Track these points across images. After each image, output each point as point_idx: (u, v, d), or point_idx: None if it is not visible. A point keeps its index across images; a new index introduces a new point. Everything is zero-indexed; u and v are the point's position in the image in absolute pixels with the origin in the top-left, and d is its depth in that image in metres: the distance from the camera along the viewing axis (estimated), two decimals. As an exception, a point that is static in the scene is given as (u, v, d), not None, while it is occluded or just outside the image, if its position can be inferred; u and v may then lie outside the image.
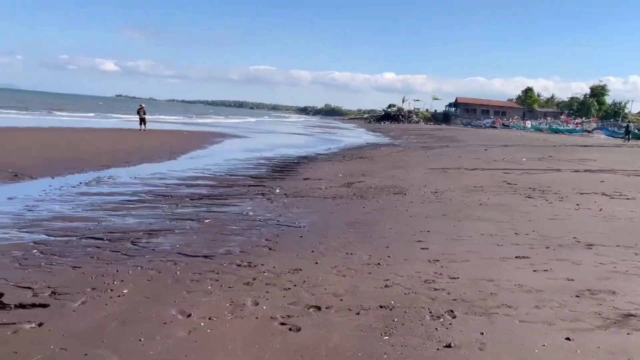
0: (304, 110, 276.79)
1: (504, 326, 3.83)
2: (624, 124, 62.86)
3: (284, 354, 3.48)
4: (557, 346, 3.48)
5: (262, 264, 5.67)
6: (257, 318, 4.14)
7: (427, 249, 6.35)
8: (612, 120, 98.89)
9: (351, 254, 6.12)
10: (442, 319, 4.02)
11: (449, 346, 3.52)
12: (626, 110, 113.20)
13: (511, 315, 4.06)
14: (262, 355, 3.46)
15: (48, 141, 20.81)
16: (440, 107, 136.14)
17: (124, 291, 4.81)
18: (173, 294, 4.73)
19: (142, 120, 31.90)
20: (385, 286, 4.89)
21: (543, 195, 10.74)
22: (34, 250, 6.12)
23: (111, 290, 4.83)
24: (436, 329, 3.84)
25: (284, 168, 17.18)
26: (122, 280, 5.11)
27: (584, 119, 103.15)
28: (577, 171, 15.69)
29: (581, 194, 10.83)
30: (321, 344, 3.60)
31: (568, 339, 3.61)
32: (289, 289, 4.84)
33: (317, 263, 5.72)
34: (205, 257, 6.03)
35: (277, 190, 11.61)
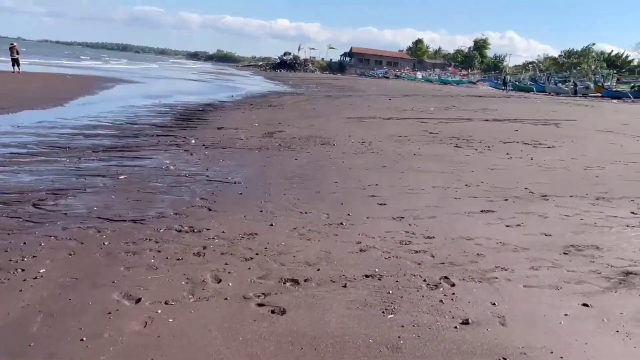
0: (194, 56, 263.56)
1: (512, 294, 3.44)
2: (502, 77, 67.18)
3: (279, 348, 2.79)
4: (579, 315, 3.16)
5: (208, 229, 4.83)
6: (226, 299, 3.38)
7: (385, 204, 5.88)
8: (493, 72, 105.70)
9: (306, 212, 5.47)
10: (441, 288, 3.55)
11: (466, 322, 3.05)
12: (504, 63, 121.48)
13: (512, 279, 3.70)
14: (253, 352, 2.74)
15: None
16: (335, 56, 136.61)
17: (41, 270, 3.77)
18: (108, 271, 3.78)
19: (15, 62, 27.91)
20: (361, 250, 4.32)
21: (469, 144, 10.75)
22: None
23: (22, 270, 3.77)
24: (441, 301, 3.36)
25: (191, 116, 15.82)
26: (34, 256, 4.03)
27: (469, 71, 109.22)
28: (487, 120, 16.15)
29: (504, 142, 11.00)
30: (319, 331, 2.96)
31: (586, 304, 3.32)
32: (252, 258, 4.10)
33: (271, 225, 5.00)
34: (135, 221, 5.03)
35: (193, 141, 10.49)
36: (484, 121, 16.01)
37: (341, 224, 5.07)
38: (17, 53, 28.44)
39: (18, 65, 27.94)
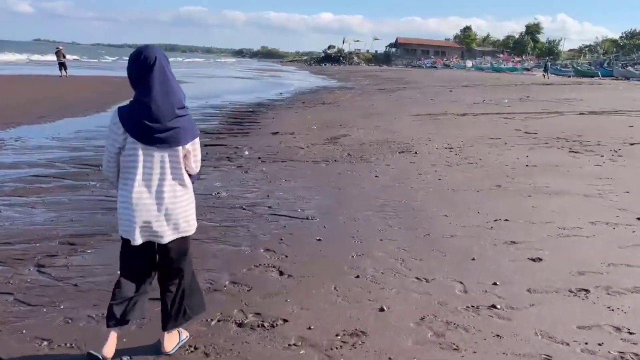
0: (239, 53, 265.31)
1: None
2: (562, 63, 62.57)
3: None
4: None
5: (285, 320, 3.08)
6: None
7: (541, 260, 3.97)
8: (547, 58, 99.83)
9: (426, 280, 3.63)
10: None
11: None
12: (559, 48, 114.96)
13: None
14: None
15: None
16: (380, 47, 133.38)
17: None
18: None
19: (62, 65, 27.28)
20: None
21: (586, 148, 8.61)
22: None
23: None
24: None
25: (242, 119, 14.23)
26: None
27: (523, 57, 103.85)
28: (583, 114, 13.78)
29: (631, 144, 8.77)
30: None
31: None
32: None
33: (382, 310, 3.19)
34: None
35: (247, 152, 8.83)
36: (578, 114, 13.64)
37: (493, 307, 3.21)
38: (64, 57, 27.84)
39: (65, 69, 27.30)
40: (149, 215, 2.44)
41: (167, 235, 2.50)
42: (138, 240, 2.46)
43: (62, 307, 3.27)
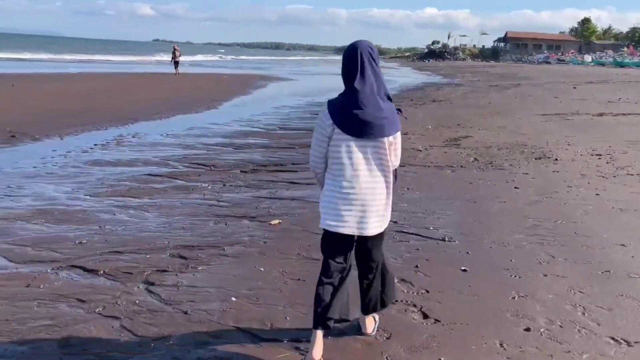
0: (342, 50, 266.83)
1: None
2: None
3: None
4: None
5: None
6: None
7: None
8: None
9: (625, 341, 2.72)
10: None
11: None
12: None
13: None
14: None
15: (68, 89, 17.77)
16: (487, 42, 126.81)
17: None
18: None
19: (176, 64, 28.52)
20: None
21: None
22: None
23: None
24: None
25: (350, 117, 13.61)
26: None
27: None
28: None
29: None
30: None
31: None
32: None
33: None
34: (299, 350, 2.74)
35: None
36: None
37: None
38: (179, 55, 29.09)
39: (177, 66, 28.51)
40: (357, 207, 2.45)
41: (373, 228, 2.50)
42: (346, 231, 2.47)
43: (170, 342, 2.79)
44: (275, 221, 4.87)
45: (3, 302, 3.24)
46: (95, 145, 8.84)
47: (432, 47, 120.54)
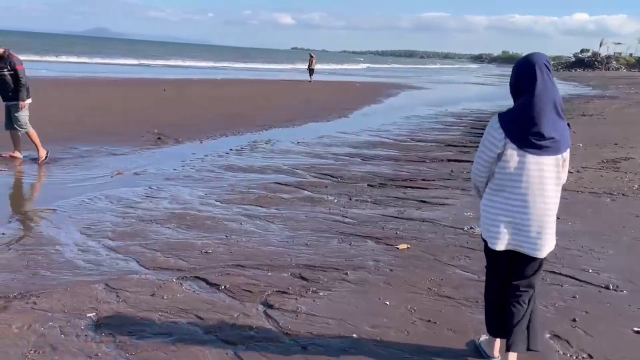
0: (478, 58, 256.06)
1: None
2: None
3: None
4: None
5: None
6: None
7: None
8: None
9: None
10: None
11: None
12: None
13: None
14: None
15: (210, 95, 18.95)
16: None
17: None
18: None
19: (311, 71, 29.21)
20: None
21: None
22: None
23: None
24: None
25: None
26: None
27: None
28: None
29: None
30: None
31: None
32: None
33: None
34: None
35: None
36: None
37: None
38: (316, 63, 29.77)
39: (312, 74, 29.16)
40: (523, 226, 2.39)
41: (543, 249, 2.43)
42: (506, 247, 2.44)
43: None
44: (404, 246, 4.48)
45: (129, 310, 3.25)
46: (231, 150, 9.14)
47: (580, 55, 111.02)
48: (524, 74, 2.40)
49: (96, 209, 5.49)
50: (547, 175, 2.38)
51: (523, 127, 2.34)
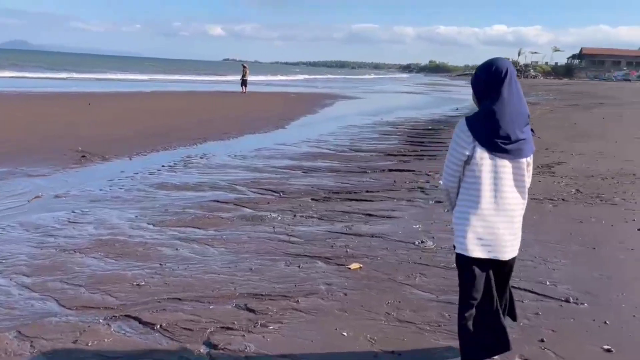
0: (407, 68, 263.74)
1: None
2: None
3: None
4: None
5: None
6: None
7: None
8: None
9: None
10: None
11: None
12: None
13: None
14: None
15: (140, 108, 18.06)
16: (560, 59, 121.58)
17: None
18: None
19: (244, 82, 28.71)
20: None
21: None
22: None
23: None
24: None
25: (422, 138, 12.87)
26: None
27: None
28: None
29: None
30: None
31: None
32: None
33: None
34: None
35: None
36: None
37: None
38: (247, 74, 29.30)
39: (245, 85, 28.66)
40: (496, 230, 2.38)
41: (509, 252, 2.43)
42: (483, 255, 2.39)
43: None
44: (355, 265, 4.21)
45: (45, 364, 2.75)
46: (163, 166, 8.59)
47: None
48: (493, 78, 2.37)
49: (9, 239, 4.85)
50: (516, 179, 2.39)
51: (491, 130, 2.33)
